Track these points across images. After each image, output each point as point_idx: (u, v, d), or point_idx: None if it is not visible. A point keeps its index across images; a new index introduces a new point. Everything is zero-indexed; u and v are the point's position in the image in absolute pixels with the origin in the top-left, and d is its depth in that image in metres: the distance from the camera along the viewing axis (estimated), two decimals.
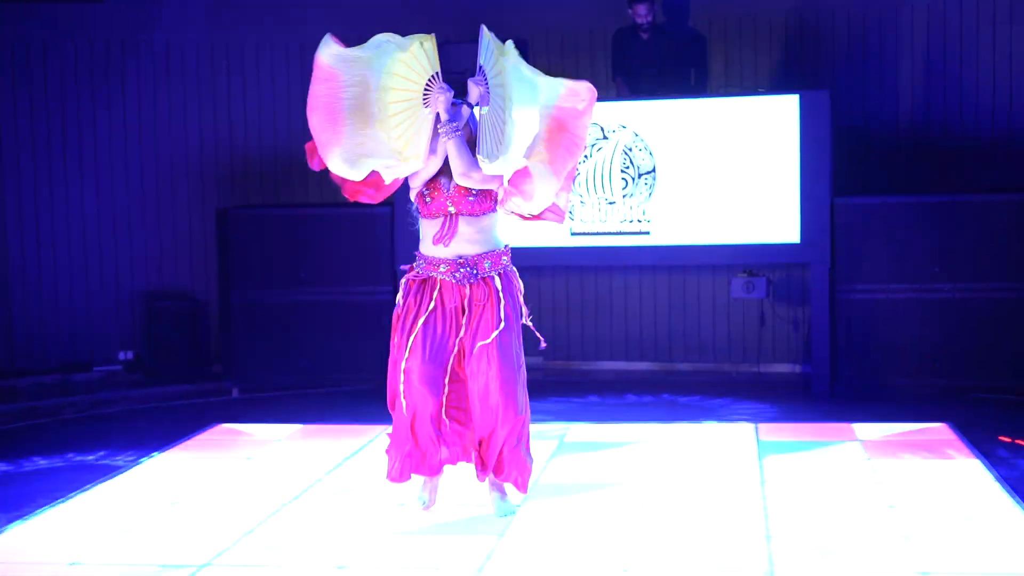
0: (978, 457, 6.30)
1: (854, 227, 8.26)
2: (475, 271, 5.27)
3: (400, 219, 8.42)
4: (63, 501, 5.82)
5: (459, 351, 5.32)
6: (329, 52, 5.20)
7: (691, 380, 9.12)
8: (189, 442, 7.11)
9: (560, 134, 5.29)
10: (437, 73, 5.18)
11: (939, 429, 7.01)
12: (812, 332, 8.40)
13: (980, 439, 6.75)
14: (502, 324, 5.25)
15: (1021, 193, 8.19)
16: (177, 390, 9.00)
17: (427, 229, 5.33)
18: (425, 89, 5.19)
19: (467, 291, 5.28)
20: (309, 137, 10.18)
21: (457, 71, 6.23)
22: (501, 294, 5.29)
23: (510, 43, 5.19)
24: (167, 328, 9.37)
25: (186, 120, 9.77)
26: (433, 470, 5.44)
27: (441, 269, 5.27)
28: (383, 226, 8.74)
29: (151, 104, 9.75)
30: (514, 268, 5.45)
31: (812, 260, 8.30)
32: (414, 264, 5.40)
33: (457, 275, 5.26)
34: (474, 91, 5.21)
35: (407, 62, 5.18)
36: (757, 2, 9.20)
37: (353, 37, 5.36)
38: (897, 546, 4.91)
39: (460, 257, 5.26)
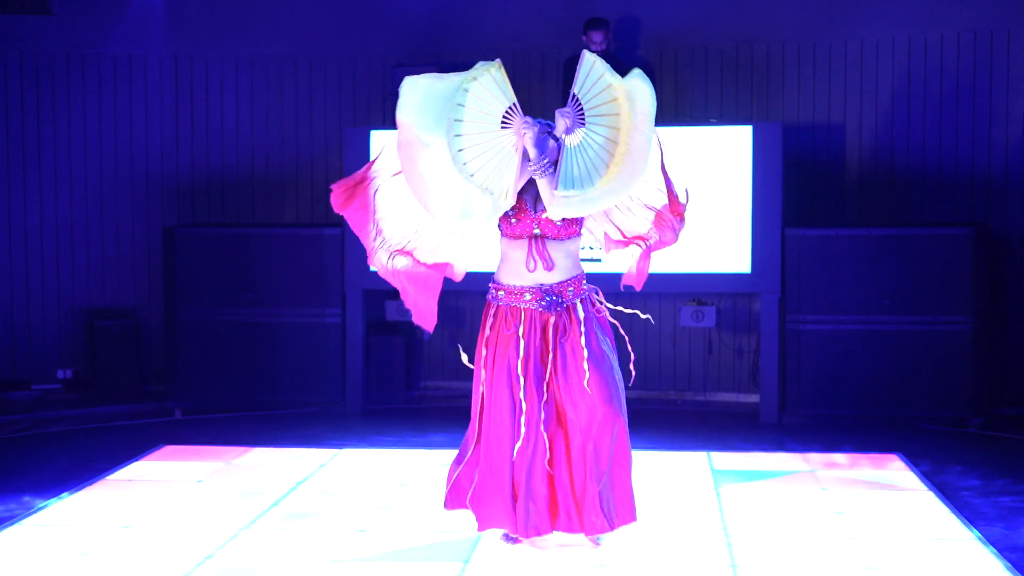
0: (930, 488, 6.36)
1: (804, 258, 8.33)
2: (560, 299, 5.11)
3: (351, 241, 8.34)
4: (9, 525, 5.66)
5: (551, 395, 5.09)
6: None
7: (639, 408, 9.10)
8: (136, 464, 6.96)
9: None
10: (515, 104, 4.97)
11: (891, 460, 7.07)
12: (761, 362, 8.46)
13: (930, 470, 6.83)
14: (586, 354, 5.05)
15: (969, 227, 8.32)
16: (118, 410, 8.84)
17: (509, 251, 5.15)
18: (504, 120, 4.96)
19: (552, 319, 5.10)
20: (257, 153, 9.93)
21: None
22: (583, 324, 5.10)
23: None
24: (108, 347, 9.20)
25: (132, 136, 9.61)
26: (539, 529, 5.09)
27: (526, 298, 5.11)
28: (334, 247, 8.65)
29: (97, 118, 9.59)
30: (596, 288, 5.26)
31: (762, 290, 8.36)
32: (494, 293, 5.20)
33: (543, 303, 5.09)
34: (561, 123, 4.98)
35: (478, 93, 4.92)
36: (708, 32, 9.25)
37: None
38: None
39: (543, 285, 5.10)
